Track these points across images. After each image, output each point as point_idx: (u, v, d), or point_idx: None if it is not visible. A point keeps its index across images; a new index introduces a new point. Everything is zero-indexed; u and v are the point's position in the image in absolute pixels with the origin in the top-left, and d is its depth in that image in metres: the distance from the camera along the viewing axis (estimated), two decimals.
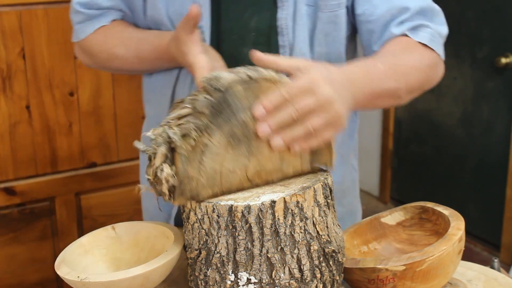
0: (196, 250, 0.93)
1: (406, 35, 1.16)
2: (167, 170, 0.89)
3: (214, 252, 0.91)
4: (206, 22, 1.17)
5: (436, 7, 1.21)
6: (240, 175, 0.92)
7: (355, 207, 1.40)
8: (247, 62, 1.12)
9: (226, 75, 0.89)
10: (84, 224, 2.26)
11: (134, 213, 2.33)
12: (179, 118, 0.91)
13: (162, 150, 0.89)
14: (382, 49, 1.16)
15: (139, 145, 0.93)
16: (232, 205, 0.89)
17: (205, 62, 1.03)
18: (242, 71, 0.91)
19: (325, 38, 1.18)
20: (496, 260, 1.14)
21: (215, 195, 0.92)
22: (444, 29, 1.21)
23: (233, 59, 1.16)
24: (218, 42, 1.18)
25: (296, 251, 0.90)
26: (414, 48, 1.15)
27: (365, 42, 1.22)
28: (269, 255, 0.89)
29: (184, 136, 0.88)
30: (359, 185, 1.45)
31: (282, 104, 0.88)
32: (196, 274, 0.94)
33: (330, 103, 0.89)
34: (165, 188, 0.90)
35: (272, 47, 1.18)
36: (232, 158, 0.91)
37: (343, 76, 0.96)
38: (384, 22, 1.18)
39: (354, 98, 0.97)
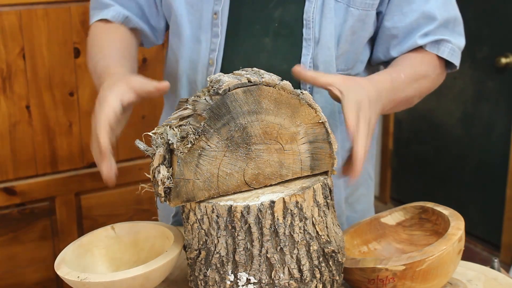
0: (196, 250, 0.93)
1: (426, 50, 1.21)
2: (163, 172, 0.90)
3: (214, 252, 0.91)
4: (224, 8, 1.16)
5: (459, 16, 1.24)
6: (237, 179, 0.92)
7: (368, 215, 1.39)
8: (267, 53, 1.11)
9: (227, 79, 0.89)
10: (84, 224, 2.26)
11: (134, 213, 2.33)
12: (181, 119, 0.91)
13: (160, 151, 0.90)
14: (403, 59, 1.21)
15: (140, 145, 0.93)
16: (231, 206, 0.89)
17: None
18: (244, 75, 0.91)
19: (351, 36, 1.19)
20: (496, 260, 1.14)
21: (212, 198, 0.92)
22: (462, 41, 1.25)
23: (253, 49, 1.17)
24: (237, 30, 1.18)
25: (295, 251, 0.90)
26: (430, 58, 1.22)
27: (382, 45, 1.24)
28: (268, 255, 0.89)
29: (183, 138, 0.89)
30: None
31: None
32: (196, 274, 0.94)
33: (373, 122, 1.02)
34: (161, 190, 0.90)
35: (294, 39, 1.17)
36: (230, 162, 0.91)
37: (374, 89, 1.04)
38: (410, 29, 1.20)
39: (381, 107, 1.06)
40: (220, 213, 0.89)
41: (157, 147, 0.90)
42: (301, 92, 0.93)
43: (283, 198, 0.89)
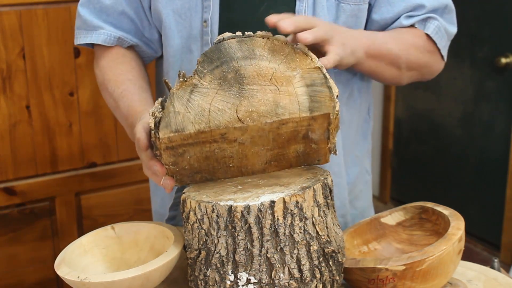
0: (196, 250, 0.93)
1: (414, 27, 1.20)
2: (156, 105, 0.93)
3: (214, 252, 0.91)
4: (214, 16, 1.15)
5: (451, 5, 1.23)
6: (229, 115, 0.93)
7: (368, 211, 1.40)
8: None
9: (223, 34, 0.93)
10: (84, 224, 2.26)
11: (134, 213, 2.33)
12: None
13: (160, 99, 0.94)
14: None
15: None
16: (231, 205, 0.89)
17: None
18: (241, 32, 0.95)
19: None
20: (496, 260, 1.14)
21: (202, 132, 0.93)
22: (452, 28, 1.24)
23: None
24: None
25: (295, 251, 0.90)
26: (418, 35, 1.20)
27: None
28: (268, 255, 0.89)
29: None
30: None
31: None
32: (196, 274, 0.94)
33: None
34: (151, 121, 0.92)
35: None
36: (222, 99, 0.92)
37: (346, 30, 1.08)
38: (398, 17, 1.20)
39: (359, 43, 1.07)
40: (220, 213, 0.89)
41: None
42: (296, 43, 0.95)
43: (283, 198, 0.89)
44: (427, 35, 1.20)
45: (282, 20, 0.94)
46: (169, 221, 1.32)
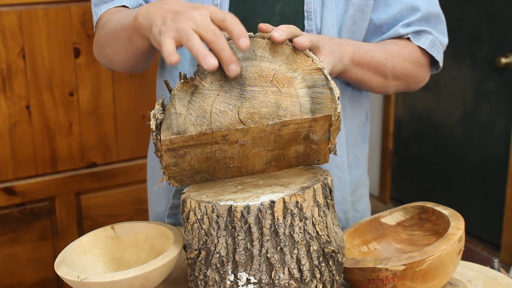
0: (196, 250, 0.93)
1: (408, 38, 1.21)
2: (157, 107, 0.93)
3: (214, 252, 0.91)
4: (224, 2, 1.15)
5: (442, 15, 1.25)
6: (231, 116, 0.93)
7: (368, 214, 1.41)
8: None
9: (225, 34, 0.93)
10: (84, 224, 2.26)
11: (134, 213, 2.33)
12: None
13: (160, 99, 0.95)
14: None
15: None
16: (231, 205, 0.89)
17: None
18: None
19: (352, 26, 1.19)
20: (496, 260, 1.14)
21: (204, 134, 0.93)
22: (445, 39, 1.26)
23: None
24: None
25: (295, 251, 0.90)
26: (406, 46, 1.21)
27: (366, 38, 1.24)
28: (268, 255, 0.89)
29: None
30: None
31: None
32: (196, 274, 0.94)
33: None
34: (153, 124, 0.92)
35: None
36: (224, 100, 0.92)
37: (331, 37, 1.09)
38: (394, 20, 1.21)
39: (344, 50, 1.07)
40: (220, 213, 0.89)
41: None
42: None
43: (283, 198, 0.89)
44: (421, 48, 1.21)
45: (275, 30, 0.94)
46: (172, 209, 1.31)
